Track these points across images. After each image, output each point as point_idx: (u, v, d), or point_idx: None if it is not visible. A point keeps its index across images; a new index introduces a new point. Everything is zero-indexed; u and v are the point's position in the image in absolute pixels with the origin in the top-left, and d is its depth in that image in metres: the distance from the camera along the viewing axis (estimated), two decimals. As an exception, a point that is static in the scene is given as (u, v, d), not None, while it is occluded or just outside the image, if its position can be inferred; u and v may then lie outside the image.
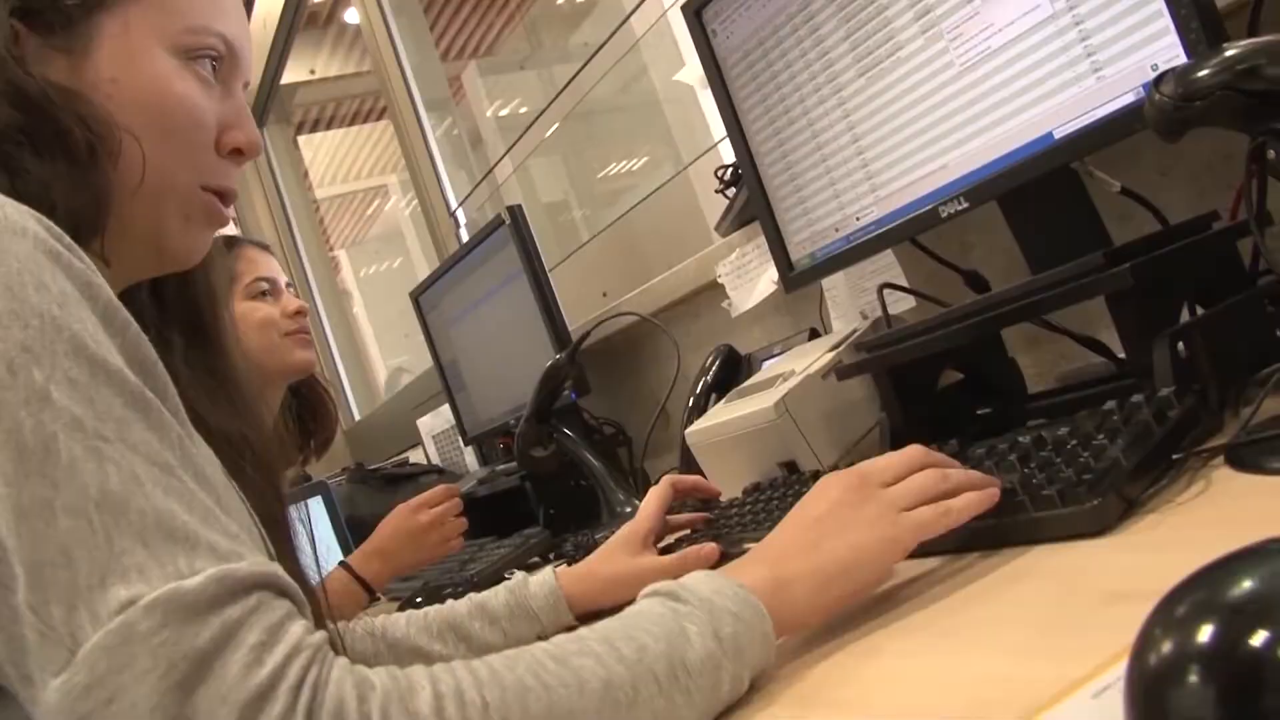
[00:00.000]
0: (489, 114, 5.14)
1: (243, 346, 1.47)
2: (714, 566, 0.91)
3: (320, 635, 0.50)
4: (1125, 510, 0.64)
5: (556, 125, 2.63)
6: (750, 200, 1.17)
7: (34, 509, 0.47)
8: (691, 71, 2.47)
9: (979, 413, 1.07)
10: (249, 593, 0.48)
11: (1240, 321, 0.80)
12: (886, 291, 1.12)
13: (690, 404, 1.45)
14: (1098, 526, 0.63)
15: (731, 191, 1.48)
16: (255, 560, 0.50)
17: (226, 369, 0.80)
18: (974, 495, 0.68)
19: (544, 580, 0.98)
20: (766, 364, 1.40)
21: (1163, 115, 0.65)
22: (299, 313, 1.61)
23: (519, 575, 1.01)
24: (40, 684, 0.46)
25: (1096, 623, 0.50)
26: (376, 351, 6.55)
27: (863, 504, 0.68)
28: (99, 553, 0.47)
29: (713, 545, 0.94)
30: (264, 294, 1.60)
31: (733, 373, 1.46)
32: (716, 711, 0.57)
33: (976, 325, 0.90)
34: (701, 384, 1.44)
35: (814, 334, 1.40)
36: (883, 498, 0.68)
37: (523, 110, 5.82)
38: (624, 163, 6.23)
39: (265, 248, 1.70)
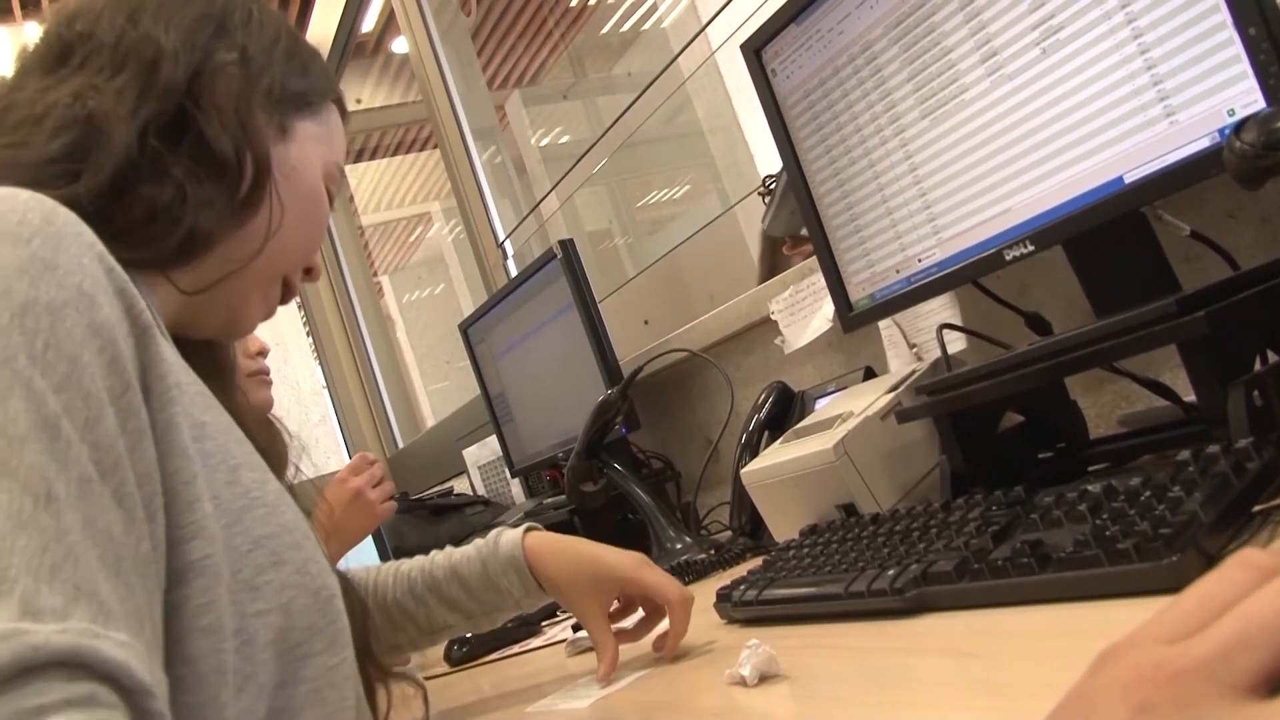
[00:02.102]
0: (533, 142, 5.18)
1: None
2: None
3: None
4: (1205, 566, 0.63)
5: (604, 161, 2.64)
6: (810, 238, 1.16)
7: None
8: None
9: (1040, 457, 1.05)
10: (25, 666, 0.40)
11: (1317, 370, 0.79)
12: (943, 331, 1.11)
13: (742, 441, 1.44)
14: (1177, 583, 0.62)
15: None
16: (75, 627, 0.42)
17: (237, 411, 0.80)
18: None
19: (511, 553, 1.02)
20: (820, 403, 1.39)
21: (1244, 163, 0.65)
22: (260, 353, 1.60)
23: (491, 535, 1.05)
24: None
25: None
26: (418, 377, 6.59)
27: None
28: None
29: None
30: None
31: (785, 410, 1.45)
32: None
33: (1047, 371, 0.89)
34: (754, 421, 1.44)
35: (869, 372, 1.39)
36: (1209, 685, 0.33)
37: (564, 140, 5.87)
38: (666, 191, 6.26)
39: None
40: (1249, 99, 0.75)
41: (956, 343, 1.24)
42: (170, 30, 0.70)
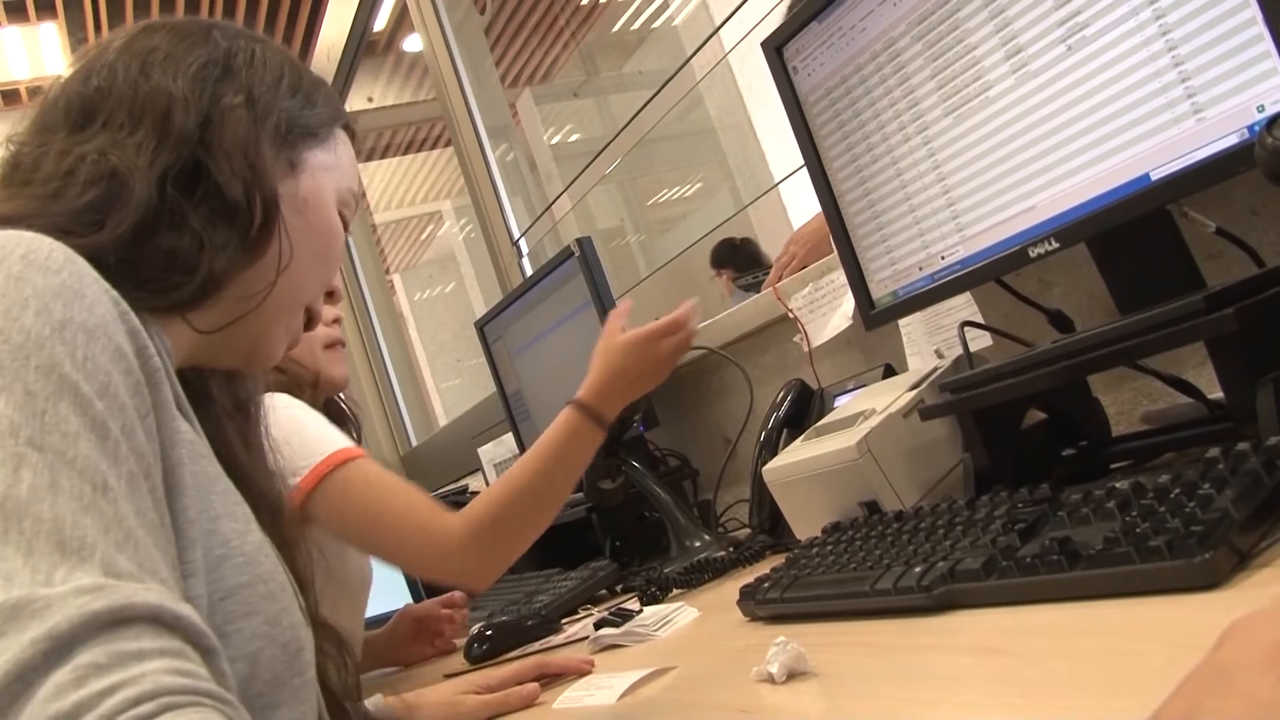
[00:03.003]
0: (545, 139, 5.18)
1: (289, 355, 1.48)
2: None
3: (199, 685, 0.43)
4: (1237, 564, 0.63)
5: (617, 161, 2.65)
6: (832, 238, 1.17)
7: None
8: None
9: (1064, 454, 1.05)
10: (120, 616, 0.43)
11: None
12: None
13: (761, 439, 1.44)
14: (1209, 580, 0.62)
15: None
16: (155, 590, 0.45)
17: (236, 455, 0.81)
18: None
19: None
20: (839, 400, 1.39)
21: (1276, 160, 0.64)
22: (336, 320, 1.54)
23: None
24: None
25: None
26: (429, 375, 6.60)
27: None
28: None
29: (534, 686, 1.05)
30: None
31: (804, 408, 1.45)
32: None
33: (1072, 369, 0.89)
34: (773, 419, 1.44)
35: (889, 370, 1.39)
36: None
37: (574, 138, 5.87)
38: (678, 189, 6.26)
39: None
40: (1279, 95, 0.75)
41: (977, 340, 1.24)
42: (179, 79, 0.71)
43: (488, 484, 2.78)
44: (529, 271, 2.92)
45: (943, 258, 1.04)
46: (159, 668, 0.42)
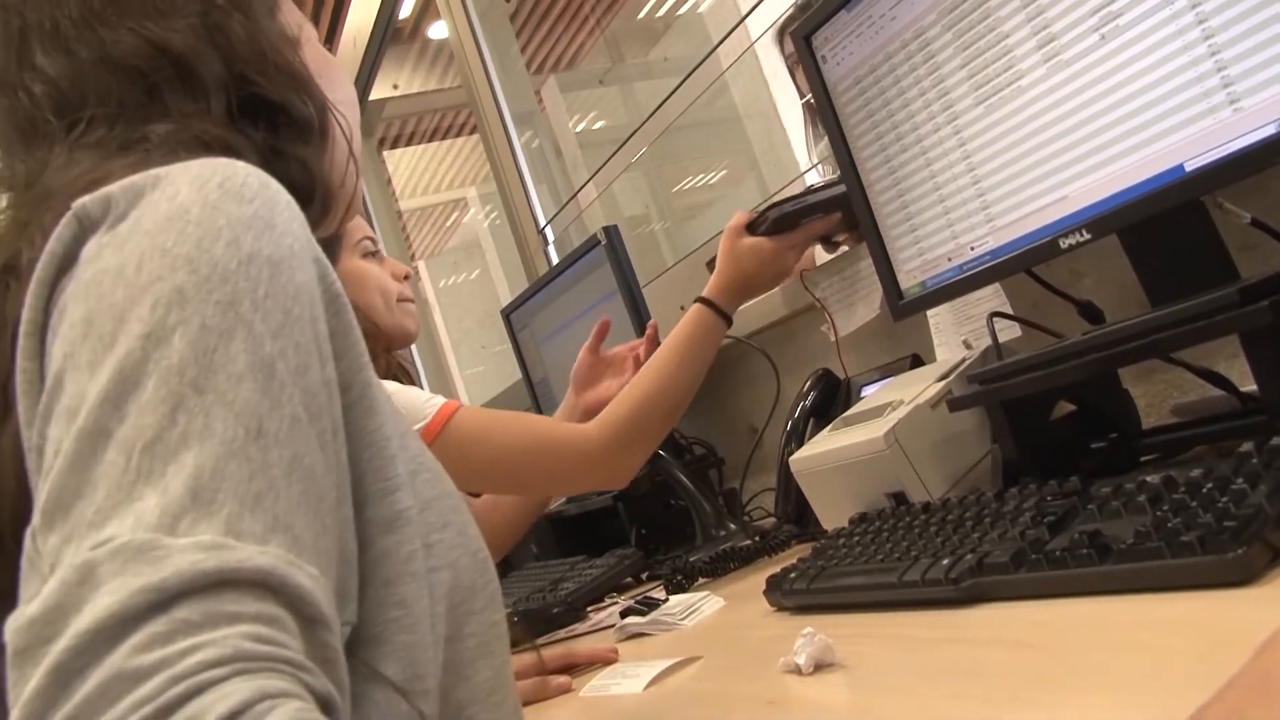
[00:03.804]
0: (570, 126, 5.17)
1: (356, 307, 1.50)
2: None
3: (279, 653, 0.43)
4: (1271, 559, 0.62)
5: (644, 149, 2.64)
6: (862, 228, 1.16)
7: (93, 435, 0.47)
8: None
9: (1093, 447, 1.05)
10: (228, 577, 0.43)
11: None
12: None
13: (788, 428, 1.44)
14: (1242, 576, 0.61)
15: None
16: (273, 553, 0.45)
17: None
18: None
19: None
20: (867, 390, 1.38)
21: (1314, 153, 0.64)
22: (406, 277, 1.63)
23: None
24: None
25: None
26: (454, 362, 6.62)
27: None
28: (117, 494, 0.45)
29: (566, 679, 1.06)
30: (373, 254, 1.62)
31: (831, 398, 1.45)
32: None
33: (1101, 361, 0.88)
34: (800, 408, 1.44)
35: (916, 360, 1.38)
36: None
37: (598, 125, 5.86)
38: (703, 176, 6.24)
39: None
40: (1317, 86, 0.74)
41: (1005, 331, 1.23)
42: (167, 29, 0.68)
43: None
44: (554, 259, 2.92)
45: (972, 248, 1.04)
46: (244, 632, 0.42)
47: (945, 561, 0.80)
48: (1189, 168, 0.83)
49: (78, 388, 0.49)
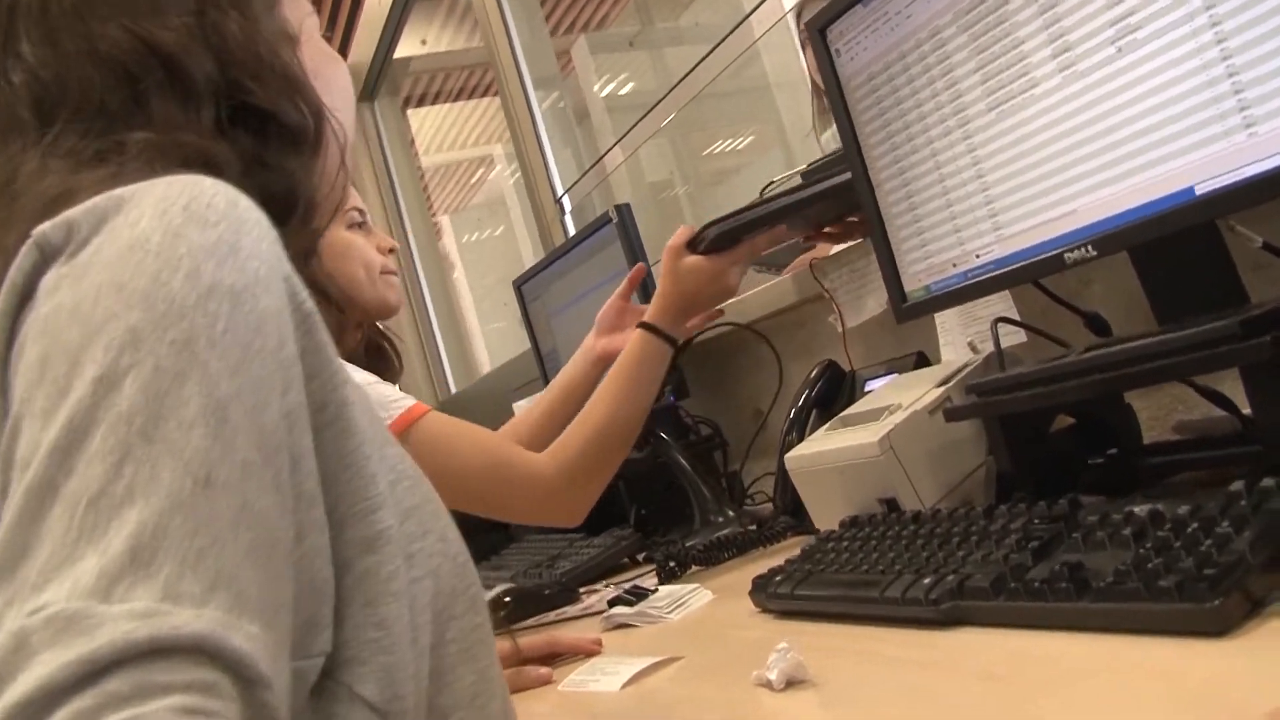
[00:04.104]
0: (596, 89, 5.13)
1: (337, 278, 1.50)
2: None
3: None
4: (1250, 610, 0.61)
5: (672, 116, 2.61)
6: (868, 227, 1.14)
7: (40, 490, 0.46)
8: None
9: (1091, 462, 1.03)
10: (161, 645, 0.42)
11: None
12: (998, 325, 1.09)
13: (790, 417, 1.43)
14: (1218, 627, 0.60)
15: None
16: (209, 616, 0.44)
17: None
18: None
19: None
20: (871, 384, 1.37)
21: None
22: (391, 250, 1.60)
23: None
24: None
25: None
26: (474, 319, 6.62)
27: None
28: (60, 552, 0.43)
29: (547, 670, 1.06)
30: (360, 225, 1.61)
31: (835, 389, 1.44)
32: None
33: (1103, 383, 0.86)
34: (804, 399, 1.43)
35: (921, 358, 1.37)
36: None
37: (626, 89, 5.81)
38: (731, 141, 6.18)
39: None
40: (1334, 117, 0.72)
41: (1011, 336, 1.21)
42: (160, 28, 0.67)
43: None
44: (572, 229, 2.90)
45: (978, 256, 1.02)
46: (174, 705, 0.41)
47: (927, 581, 0.80)
48: (1199, 191, 0.81)
49: (31, 436, 0.48)
